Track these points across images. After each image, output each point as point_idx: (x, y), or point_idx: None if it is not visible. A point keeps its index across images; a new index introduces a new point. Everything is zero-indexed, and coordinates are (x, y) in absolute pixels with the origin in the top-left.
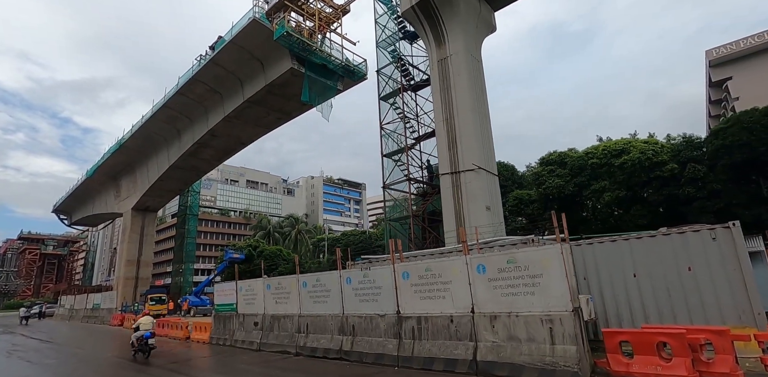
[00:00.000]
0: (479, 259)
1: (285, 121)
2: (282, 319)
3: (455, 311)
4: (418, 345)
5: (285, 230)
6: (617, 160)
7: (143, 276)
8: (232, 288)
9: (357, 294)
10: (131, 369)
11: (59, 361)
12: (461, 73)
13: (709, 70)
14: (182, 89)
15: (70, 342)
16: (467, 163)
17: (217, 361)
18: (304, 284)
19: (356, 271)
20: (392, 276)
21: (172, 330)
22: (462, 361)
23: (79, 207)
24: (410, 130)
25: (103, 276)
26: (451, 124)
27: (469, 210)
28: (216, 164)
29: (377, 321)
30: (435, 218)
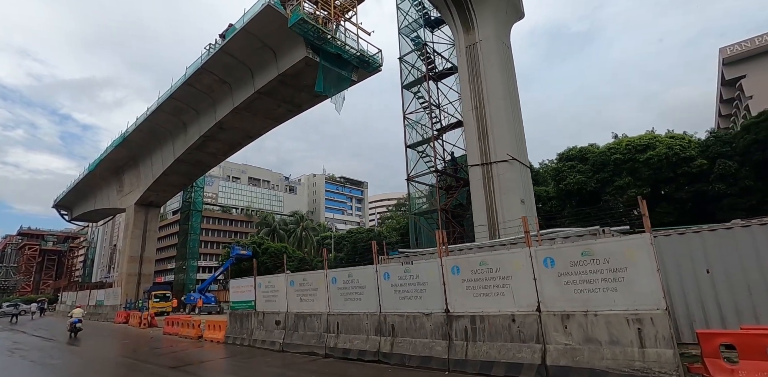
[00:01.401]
0: (546, 252)
1: (296, 113)
2: (308, 318)
3: (517, 309)
4: (472, 347)
5: (290, 227)
6: (642, 156)
7: (146, 273)
8: (249, 284)
9: (397, 291)
10: (146, 372)
11: (65, 362)
12: (492, 59)
13: (722, 68)
14: (190, 79)
15: (75, 341)
16: (500, 153)
17: (237, 363)
18: (334, 280)
19: (395, 266)
20: (439, 270)
21: (183, 329)
22: (528, 366)
23: (80, 203)
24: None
25: (103, 272)
26: (481, 112)
27: (502, 203)
28: (222, 158)
29: (422, 321)
30: (460, 212)
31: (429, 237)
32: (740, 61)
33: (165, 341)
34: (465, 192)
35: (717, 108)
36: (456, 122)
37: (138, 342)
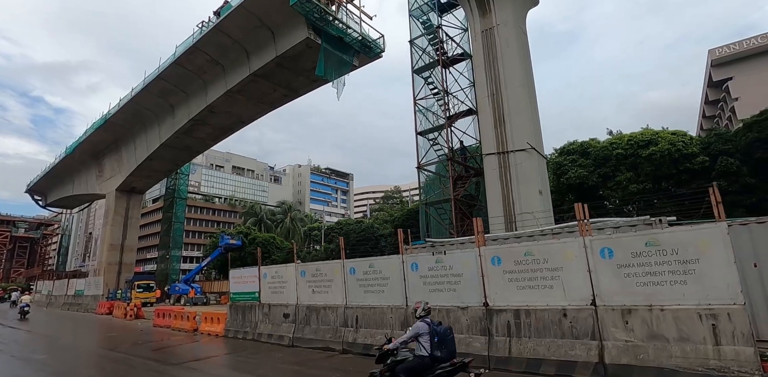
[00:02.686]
0: (604, 241)
1: (291, 98)
2: (322, 311)
3: (568, 303)
4: (516, 343)
5: (277, 217)
6: (644, 151)
7: (127, 262)
8: (253, 274)
9: (426, 283)
10: (146, 368)
11: (52, 357)
12: (510, 44)
13: (710, 70)
14: (180, 59)
15: (56, 332)
16: (517, 142)
17: (247, 359)
18: (352, 270)
19: (425, 256)
20: (477, 261)
21: (176, 321)
22: (583, 364)
23: (56, 188)
24: (444, 107)
25: (78, 261)
26: (498, 100)
27: (519, 193)
28: (211, 144)
29: (457, 315)
30: (470, 202)
31: (438, 228)
32: (728, 63)
33: (157, 334)
34: (473, 183)
35: (701, 109)
36: (467, 110)
37: (127, 336)
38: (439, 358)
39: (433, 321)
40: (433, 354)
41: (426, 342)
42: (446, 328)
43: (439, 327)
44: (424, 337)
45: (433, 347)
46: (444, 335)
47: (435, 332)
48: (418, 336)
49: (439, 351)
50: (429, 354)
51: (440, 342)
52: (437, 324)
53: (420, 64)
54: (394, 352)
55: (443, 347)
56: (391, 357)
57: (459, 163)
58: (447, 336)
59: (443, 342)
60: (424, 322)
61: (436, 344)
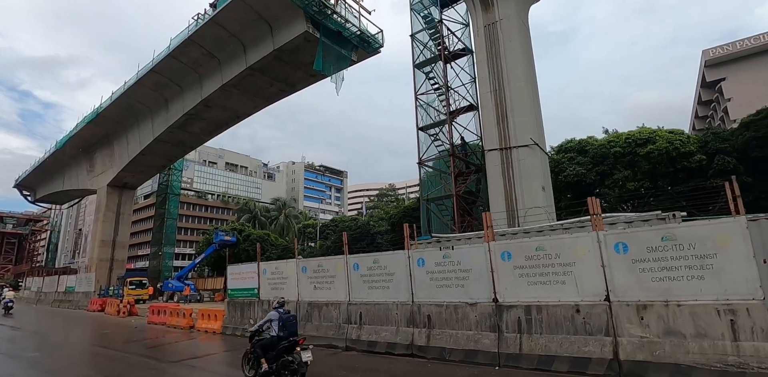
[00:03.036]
0: (618, 236)
1: (288, 93)
2: (324, 307)
3: (581, 299)
4: (527, 340)
5: (272, 214)
6: (642, 150)
7: (119, 258)
8: (252, 270)
9: (433, 279)
10: (144, 367)
11: (44, 354)
12: (513, 39)
13: (704, 70)
14: (175, 52)
15: (47, 330)
16: (520, 138)
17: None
18: (356, 266)
19: (432, 251)
20: (486, 256)
21: (171, 318)
22: (597, 361)
23: (46, 183)
24: (444, 103)
25: (67, 258)
26: (500, 95)
27: (522, 189)
28: (206, 139)
29: (465, 311)
30: (471, 198)
31: (439, 224)
32: (722, 63)
33: (152, 331)
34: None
35: (694, 109)
36: (468, 105)
37: (122, 333)
38: (282, 337)
39: (283, 310)
40: (279, 335)
41: (275, 326)
42: (291, 316)
43: (285, 314)
44: (274, 322)
45: (279, 329)
46: (287, 320)
47: (281, 318)
48: (271, 321)
49: (283, 332)
50: (276, 335)
51: (284, 325)
52: (285, 313)
53: (421, 58)
54: (260, 333)
55: (286, 329)
56: (256, 336)
57: (460, 158)
58: (290, 321)
59: (286, 326)
60: (276, 311)
61: (281, 327)
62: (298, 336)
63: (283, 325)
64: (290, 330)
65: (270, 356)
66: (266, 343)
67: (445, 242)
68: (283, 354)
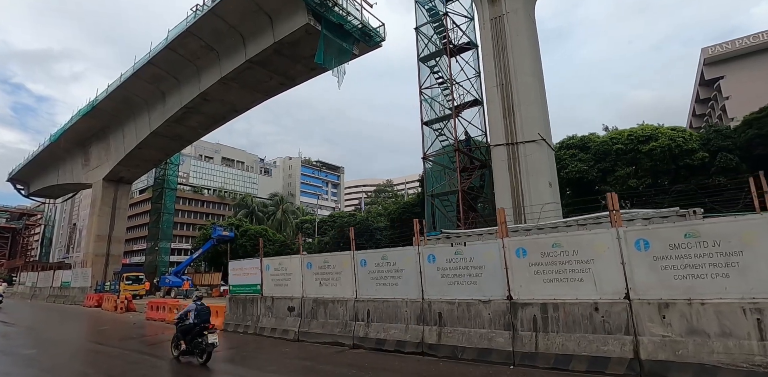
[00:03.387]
0: (639, 233)
1: (288, 87)
2: (330, 304)
3: (600, 297)
4: (543, 339)
5: (269, 209)
6: (645, 147)
7: (115, 254)
8: (254, 266)
9: (444, 275)
10: (146, 365)
11: (41, 351)
12: (521, 32)
13: (702, 68)
14: (173, 44)
15: (43, 326)
16: (527, 133)
17: (252, 354)
18: (363, 262)
19: (443, 247)
20: (500, 253)
21: (171, 314)
22: (617, 360)
23: (40, 176)
24: (449, 98)
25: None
26: (507, 89)
27: (529, 185)
28: (203, 133)
29: (478, 309)
30: (474, 194)
31: (443, 220)
32: (721, 61)
33: (151, 327)
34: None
35: (691, 107)
36: (473, 100)
37: (120, 329)
38: (197, 324)
39: (200, 303)
40: (194, 322)
41: (193, 315)
42: (205, 307)
43: (201, 306)
44: (192, 312)
45: (195, 317)
46: (201, 311)
47: (197, 309)
48: (189, 311)
49: (197, 320)
50: (192, 322)
51: (198, 314)
52: (201, 305)
53: (425, 52)
54: (184, 321)
55: (200, 317)
56: (181, 323)
57: (465, 154)
58: (203, 311)
59: (200, 315)
60: (195, 303)
61: (196, 316)
62: (209, 323)
63: (197, 314)
64: (203, 318)
65: (188, 339)
66: (185, 329)
67: (455, 238)
68: (197, 337)
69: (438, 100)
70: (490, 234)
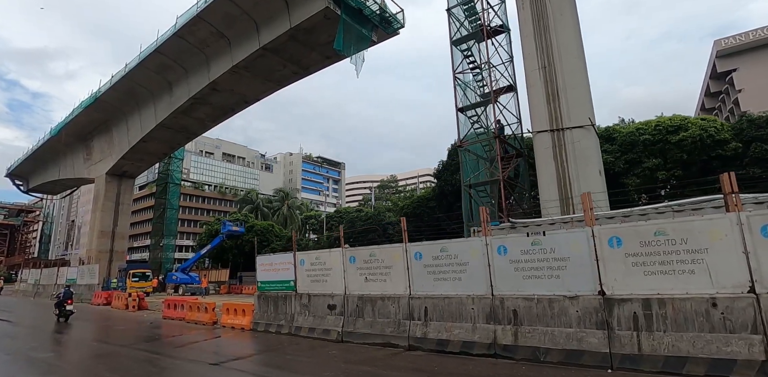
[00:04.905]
0: (766, 218)
1: (301, 76)
2: (379, 301)
3: (716, 291)
4: (647, 339)
5: (274, 205)
6: (674, 137)
7: (118, 250)
8: (286, 261)
9: (518, 269)
10: (181, 371)
11: (58, 356)
12: (564, 11)
13: (714, 61)
14: (181, 31)
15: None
16: (574, 117)
17: (297, 358)
18: (418, 255)
19: (517, 238)
20: (589, 243)
21: (191, 313)
22: (744, 363)
23: (40, 171)
24: (480, 84)
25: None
26: (551, 72)
27: (578, 174)
28: (210, 126)
29: (563, 306)
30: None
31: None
32: (734, 54)
33: (171, 327)
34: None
35: (700, 101)
36: (507, 86)
37: (138, 329)
38: (62, 300)
39: (67, 289)
40: (61, 298)
41: (62, 294)
42: (69, 290)
43: (67, 290)
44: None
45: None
46: (66, 293)
47: (64, 292)
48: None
49: (63, 298)
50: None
51: (64, 294)
52: (67, 289)
53: (458, 35)
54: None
55: (65, 296)
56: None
57: (504, 141)
58: (67, 293)
59: (65, 295)
60: (64, 289)
61: (63, 295)
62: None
63: (63, 294)
64: (66, 297)
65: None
66: (58, 302)
67: (521, 228)
68: (62, 306)
69: (470, 86)
70: (564, 222)
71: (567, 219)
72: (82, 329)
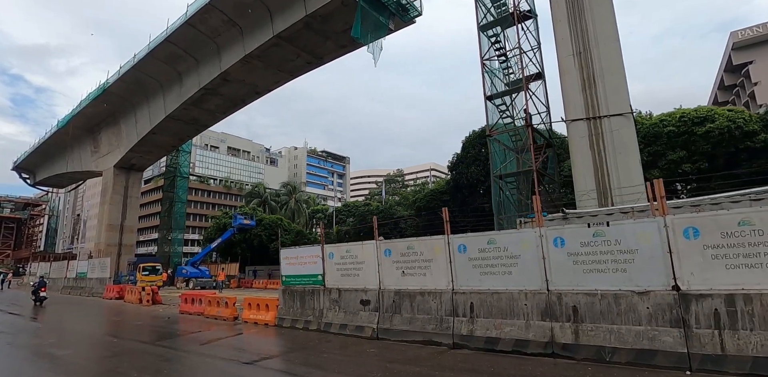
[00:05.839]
0: None
1: (314, 66)
2: (418, 297)
3: None
4: (731, 338)
5: (282, 199)
6: (700, 129)
7: (127, 243)
8: (312, 254)
9: (578, 262)
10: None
11: (78, 352)
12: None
13: (730, 53)
14: (193, 19)
15: (68, 321)
16: (612, 105)
17: (335, 356)
18: (462, 248)
19: (576, 228)
20: (660, 234)
21: (210, 308)
22: None
23: (47, 165)
24: (507, 72)
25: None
26: (587, 58)
27: (617, 165)
28: (221, 117)
29: (630, 302)
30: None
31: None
32: (750, 46)
33: (190, 323)
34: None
35: (713, 94)
36: (536, 73)
37: (156, 325)
38: (37, 288)
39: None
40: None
41: (37, 283)
42: (43, 280)
43: (41, 279)
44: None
45: (37, 285)
46: (40, 282)
47: (39, 281)
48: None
49: (37, 286)
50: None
51: (39, 283)
52: (41, 278)
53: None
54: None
55: (39, 285)
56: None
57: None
58: (41, 282)
59: (39, 284)
60: (39, 278)
61: (38, 284)
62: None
63: (38, 283)
64: (40, 285)
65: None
66: (33, 290)
67: (575, 219)
68: (37, 293)
69: (497, 74)
70: (623, 213)
71: (627, 209)
72: (98, 324)
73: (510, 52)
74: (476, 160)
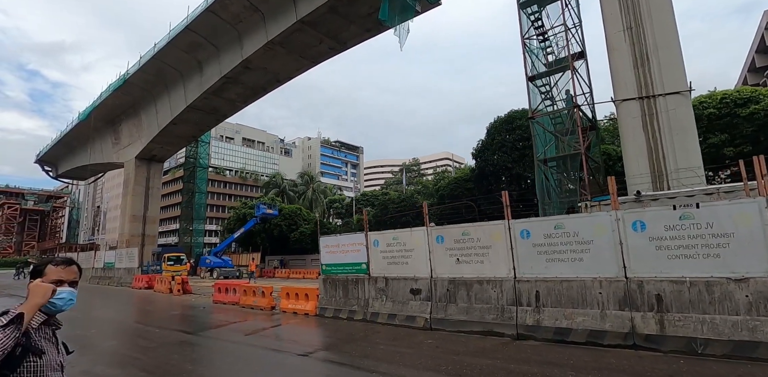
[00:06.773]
0: None
1: (336, 52)
2: (476, 285)
3: None
4: None
5: (299, 189)
6: (744, 110)
7: (150, 234)
8: (356, 241)
9: (661, 247)
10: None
11: (122, 343)
12: None
13: (763, 33)
14: (213, 5)
15: (103, 310)
16: (668, 83)
17: (391, 347)
18: (525, 233)
19: (658, 211)
20: (762, 216)
21: (246, 297)
22: None
23: (68, 157)
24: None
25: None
26: (639, 33)
27: (674, 146)
28: (241, 106)
29: (726, 290)
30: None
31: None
32: None
33: (227, 313)
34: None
35: (742, 76)
36: (579, 52)
37: (194, 315)
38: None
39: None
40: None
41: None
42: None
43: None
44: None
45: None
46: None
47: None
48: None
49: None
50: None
51: None
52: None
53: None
54: None
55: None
56: None
57: (582, 112)
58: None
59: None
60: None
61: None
62: None
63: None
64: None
65: None
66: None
67: (649, 201)
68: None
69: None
70: (707, 194)
71: (710, 191)
72: (135, 314)
73: (551, 30)
74: (502, 146)
